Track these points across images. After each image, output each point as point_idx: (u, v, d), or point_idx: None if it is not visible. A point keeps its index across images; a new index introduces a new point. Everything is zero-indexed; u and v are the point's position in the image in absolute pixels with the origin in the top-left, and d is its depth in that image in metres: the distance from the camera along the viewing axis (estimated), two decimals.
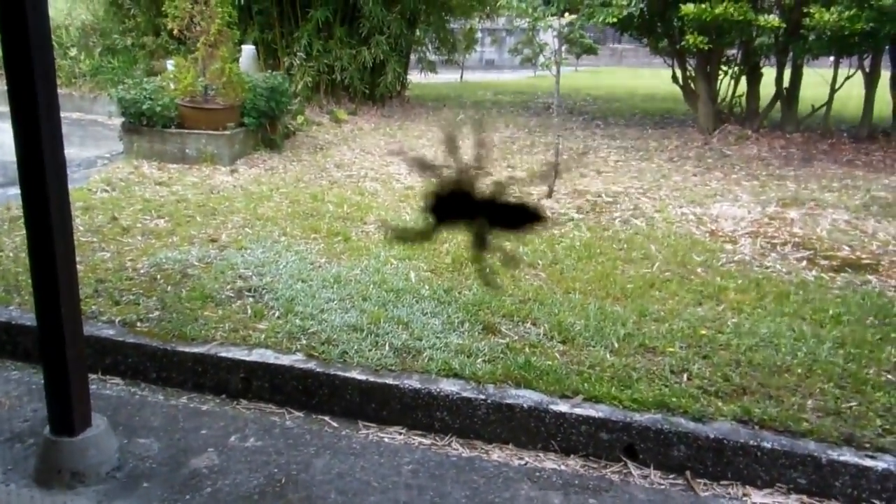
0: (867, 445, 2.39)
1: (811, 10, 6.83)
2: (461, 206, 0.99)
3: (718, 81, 8.79)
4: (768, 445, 2.40)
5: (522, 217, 1.01)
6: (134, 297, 3.44)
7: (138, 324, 3.18)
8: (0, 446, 2.42)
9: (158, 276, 3.71)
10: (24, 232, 4.19)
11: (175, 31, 6.77)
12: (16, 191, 5.25)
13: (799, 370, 2.84)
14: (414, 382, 2.75)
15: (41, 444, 2.24)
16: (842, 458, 2.34)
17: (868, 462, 2.32)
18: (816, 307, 3.47)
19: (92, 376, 2.76)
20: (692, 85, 8.97)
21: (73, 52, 10.12)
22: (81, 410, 2.22)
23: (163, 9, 6.96)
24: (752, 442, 2.41)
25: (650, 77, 17.20)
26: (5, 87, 1.98)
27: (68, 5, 10.44)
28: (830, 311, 3.41)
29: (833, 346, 3.02)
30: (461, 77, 16.85)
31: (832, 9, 6.70)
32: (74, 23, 10.32)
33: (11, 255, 4.00)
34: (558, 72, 5.40)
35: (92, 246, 4.13)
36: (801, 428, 2.47)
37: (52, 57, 2.03)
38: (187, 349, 2.99)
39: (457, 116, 10.16)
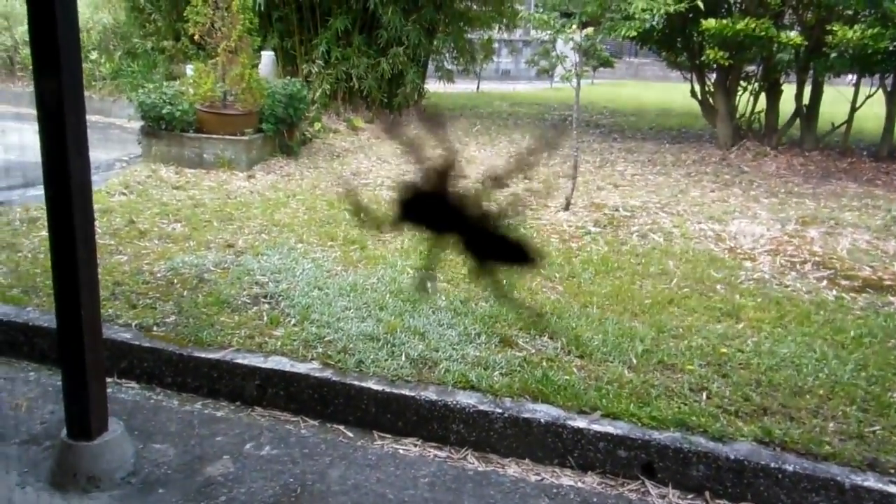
0: (892, 471, 2.34)
1: (834, 28, 6.79)
2: (436, 210, 0.87)
3: (737, 97, 8.75)
4: (790, 468, 2.36)
5: (509, 251, 0.88)
6: (150, 301, 3.44)
7: (154, 328, 3.18)
8: (16, 448, 2.42)
9: (175, 281, 3.71)
10: (41, 233, 4.24)
11: (196, 37, 6.80)
12: (34, 192, 5.31)
13: (820, 392, 2.80)
14: (430, 394, 2.73)
15: (58, 447, 2.24)
16: (865, 484, 2.30)
17: (892, 488, 2.28)
18: (837, 328, 3.43)
19: (108, 380, 2.76)
20: (711, 100, 8.93)
21: (93, 55, 10.21)
22: (99, 415, 2.21)
23: (184, 14, 7.00)
24: (773, 464, 2.38)
25: (666, 91, 17.16)
26: (31, 89, 1.99)
27: (90, 9, 10.54)
28: (852, 333, 3.36)
29: (855, 369, 2.98)
30: (478, 87, 16.87)
31: (855, 27, 6.66)
32: (96, 26, 10.41)
33: (29, 255, 4.01)
34: (578, 84, 5.38)
35: (109, 249, 4.14)
36: (824, 451, 2.43)
37: (79, 59, 2.04)
38: (203, 355, 2.98)
39: (473, 127, 10.16)
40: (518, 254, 0.89)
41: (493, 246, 0.88)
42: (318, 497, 2.24)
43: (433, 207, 0.86)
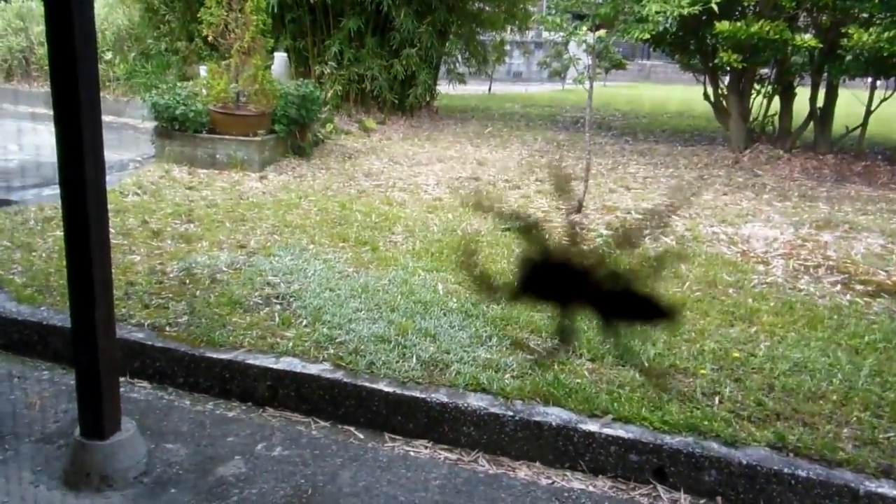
0: None
1: (849, 30, 6.74)
2: (563, 283, 0.81)
3: (751, 99, 8.70)
4: (803, 474, 2.34)
5: (642, 309, 0.84)
6: (163, 301, 3.45)
7: (167, 328, 3.19)
8: (30, 447, 2.43)
9: (187, 281, 3.72)
10: (56, 233, 4.27)
11: (209, 38, 6.83)
12: (49, 192, 5.34)
13: (834, 397, 2.77)
14: (441, 396, 2.72)
15: (71, 446, 2.25)
16: (879, 490, 2.28)
17: None
18: (852, 333, 3.40)
19: (120, 379, 2.77)
20: (724, 102, 8.89)
21: (107, 56, 10.28)
22: (112, 414, 2.22)
23: (198, 15, 7.04)
24: (786, 470, 2.36)
25: (679, 93, 17.09)
26: (46, 90, 2.01)
27: (105, 10, 10.61)
28: (866, 338, 3.34)
29: (870, 374, 2.95)
30: (490, 89, 16.87)
31: (871, 29, 6.61)
32: (110, 27, 10.48)
33: (44, 255, 4.04)
34: (591, 86, 5.37)
35: (122, 248, 4.16)
36: (838, 457, 2.41)
37: (96, 61, 2.06)
38: (215, 355, 2.99)
39: (485, 128, 10.16)
40: (651, 310, 0.86)
41: (624, 306, 0.84)
42: (329, 498, 2.24)
43: (558, 278, 0.81)
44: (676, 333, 3.26)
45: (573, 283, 0.80)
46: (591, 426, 2.57)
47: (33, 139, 7.61)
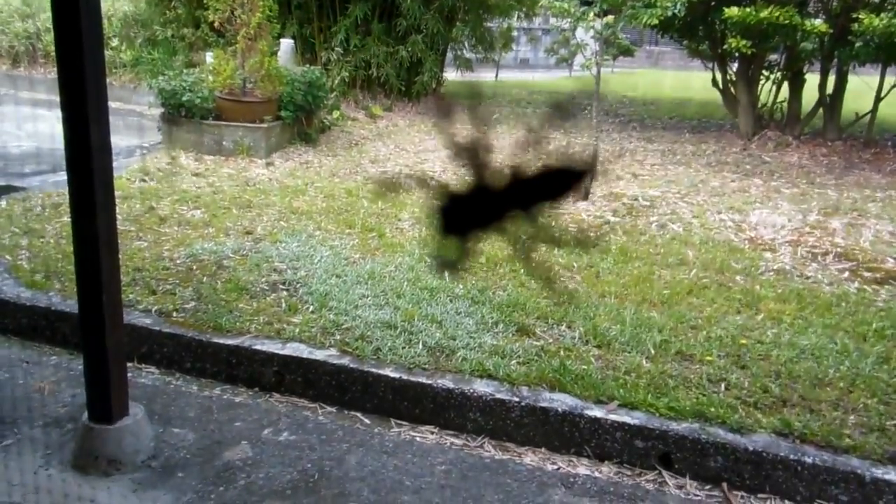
0: None
1: (860, 16, 6.67)
2: (480, 208, 0.80)
3: (760, 86, 8.64)
4: (809, 460, 2.34)
5: (559, 183, 0.83)
6: (170, 287, 3.47)
7: (174, 314, 3.21)
8: (40, 431, 2.45)
9: (194, 267, 3.73)
10: (63, 219, 4.28)
11: (216, 24, 6.82)
12: (56, 178, 5.36)
13: (841, 384, 2.77)
14: (447, 382, 2.73)
15: (80, 430, 2.27)
16: (886, 477, 2.28)
17: None
18: (859, 320, 3.39)
19: (128, 364, 2.79)
20: (732, 89, 8.82)
21: (114, 42, 10.27)
22: (120, 398, 2.24)
23: (204, 1, 7.02)
24: (792, 456, 2.36)
25: (687, 80, 16.97)
26: (53, 76, 2.00)
27: None
28: (874, 325, 3.32)
29: (877, 361, 2.95)
30: (496, 76, 16.79)
31: (882, 14, 6.54)
32: (117, 14, 10.47)
33: (52, 241, 4.06)
34: (598, 73, 5.34)
35: (129, 235, 4.18)
36: (844, 444, 2.41)
37: (102, 47, 2.05)
38: (222, 341, 3.01)
39: (492, 115, 10.12)
40: (569, 176, 0.85)
41: (542, 187, 0.83)
42: (335, 483, 2.26)
43: (481, 203, 0.81)
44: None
45: (490, 202, 0.79)
46: (597, 412, 2.57)
47: (40, 125, 7.63)
